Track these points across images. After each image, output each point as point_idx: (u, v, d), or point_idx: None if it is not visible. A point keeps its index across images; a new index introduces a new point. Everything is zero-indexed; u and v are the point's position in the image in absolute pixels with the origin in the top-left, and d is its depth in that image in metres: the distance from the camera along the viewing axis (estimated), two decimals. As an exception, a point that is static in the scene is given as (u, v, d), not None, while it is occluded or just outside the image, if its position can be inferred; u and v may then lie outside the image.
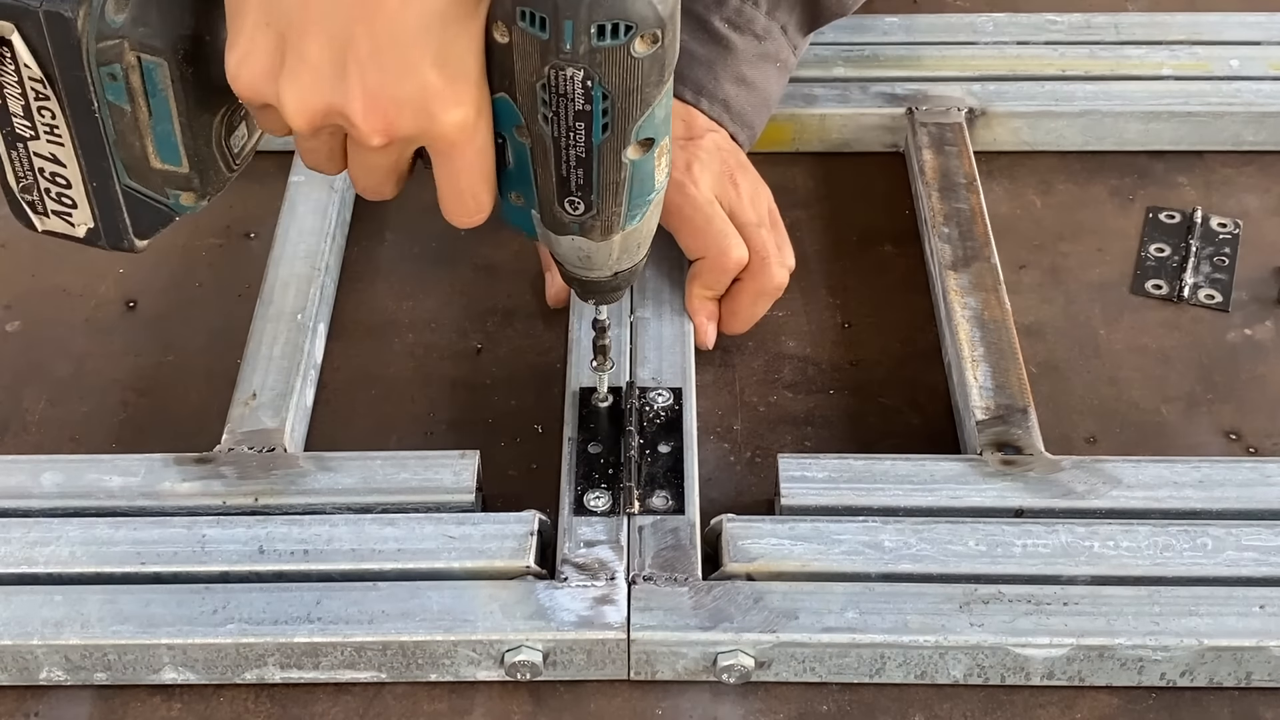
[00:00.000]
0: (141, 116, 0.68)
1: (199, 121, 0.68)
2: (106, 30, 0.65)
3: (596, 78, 0.61)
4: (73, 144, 0.69)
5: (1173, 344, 0.91)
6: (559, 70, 0.61)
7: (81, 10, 0.64)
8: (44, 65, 0.66)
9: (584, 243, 0.69)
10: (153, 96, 0.67)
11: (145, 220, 0.72)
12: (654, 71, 0.62)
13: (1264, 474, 0.79)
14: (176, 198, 0.71)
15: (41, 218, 0.73)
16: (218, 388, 0.86)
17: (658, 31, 0.61)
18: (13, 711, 0.73)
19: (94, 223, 0.73)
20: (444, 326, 0.93)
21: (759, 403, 0.88)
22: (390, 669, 0.73)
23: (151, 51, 0.66)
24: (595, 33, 0.60)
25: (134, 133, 0.68)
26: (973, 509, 0.77)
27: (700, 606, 0.73)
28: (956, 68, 1.06)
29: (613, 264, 0.71)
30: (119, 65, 0.66)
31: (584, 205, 0.67)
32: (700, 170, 0.87)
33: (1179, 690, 0.73)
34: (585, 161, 0.65)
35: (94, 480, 0.79)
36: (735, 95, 0.92)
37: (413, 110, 0.63)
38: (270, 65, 0.64)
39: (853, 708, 0.73)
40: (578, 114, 0.63)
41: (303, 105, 0.64)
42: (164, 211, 0.72)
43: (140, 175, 0.70)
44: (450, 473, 0.79)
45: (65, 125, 0.69)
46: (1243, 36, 1.08)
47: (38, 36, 0.65)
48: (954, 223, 0.94)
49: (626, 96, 0.62)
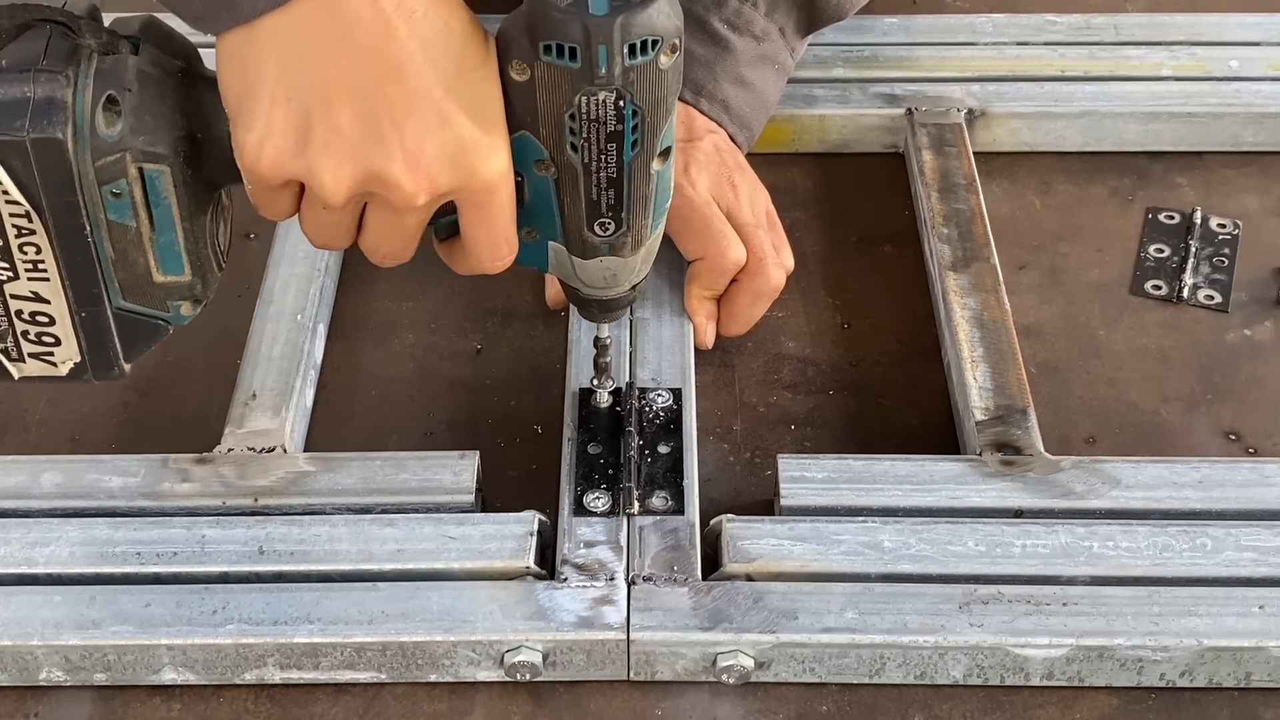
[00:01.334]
0: (144, 230, 0.65)
1: (198, 224, 0.67)
2: (104, 146, 0.62)
3: (629, 96, 0.62)
4: (59, 276, 0.66)
5: (1172, 344, 0.91)
6: (591, 96, 0.62)
7: (69, 131, 0.62)
8: (31, 197, 0.63)
9: (612, 261, 0.70)
10: (156, 207, 0.65)
11: (137, 340, 0.70)
12: (675, 80, 0.63)
13: (1263, 474, 0.79)
14: (177, 309, 0.69)
15: (17, 364, 0.70)
16: (218, 388, 0.86)
17: (677, 41, 0.62)
18: (13, 712, 0.73)
19: (80, 356, 0.69)
20: (444, 326, 0.93)
21: (759, 403, 0.88)
22: (390, 669, 0.73)
23: (154, 159, 0.63)
24: (628, 53, 0.61)
25: (137, 249, 0.66)
26: (972, 509, 0.77)
27: (700, 607, 0.73)
28: (956, 68, 1.06)
29: (634, 278, 0.72)
30: (124, 180, 0.63)
31: (614, 224, 0.67)
32: (698, 172, 0.87)
33: (1178, 690, 0.73)
34: (616, 181, 0.65)
35: (94, 480, 0.79)
36: (734, 96, 0.91)
37: (453, 164, 0.62)
38: (297, 141, 0.62)
39: (852, 708, 0.73)
40: (610, 135, 0.63)
41: (340, 174, 0.62)
42: (159, 327, 0.69)
43: (139, 293, 0.68)
44: (450, 473, 0.79)
45: (52, 257, 0.65)
46: (1242, 37, 1.08)
47: (24, 168, 0.62)
48: (954, 223, 0.94)
49: (655, 109, 0.63)
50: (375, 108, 0.61)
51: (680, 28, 0.62)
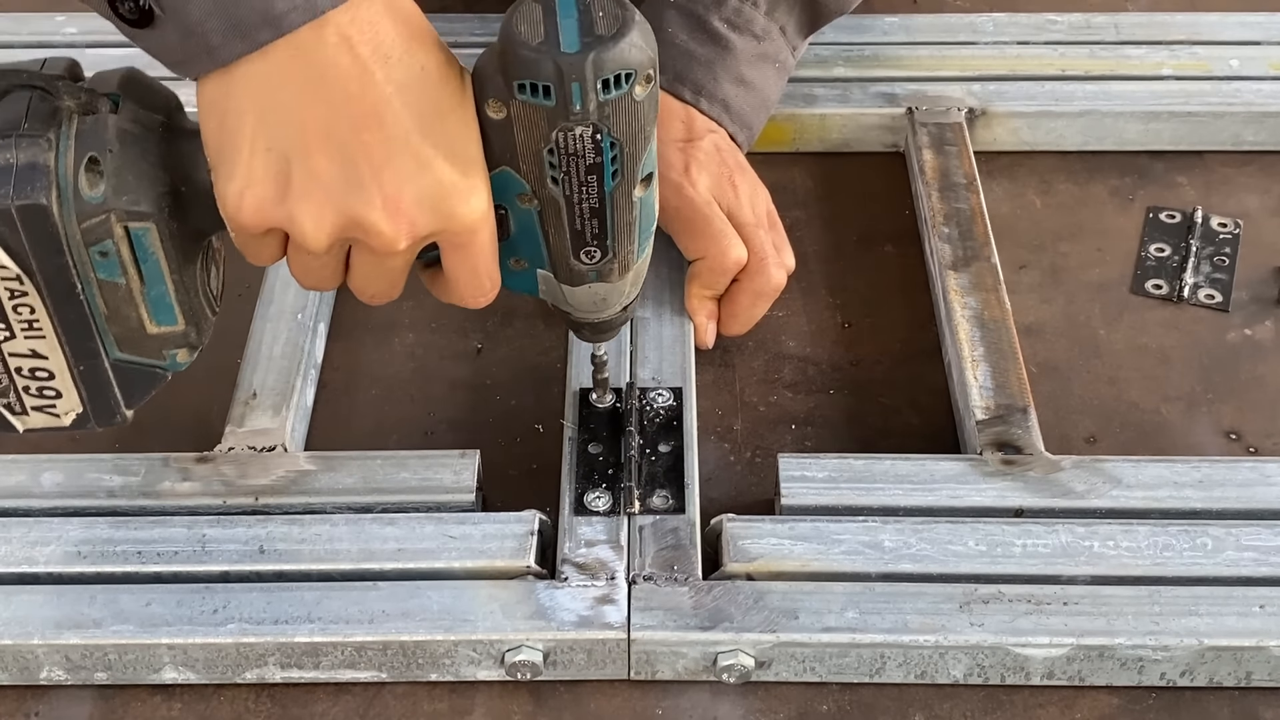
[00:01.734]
0: (134, 286, 0.66)
1: (188, 274, 0.67)
2: (88, 208, 0.62)
3: (605, 129, 0.62)
4: (55, 333, 0.67)
5: (1173, 344, 0.91)
6: (568, 131, 0.62)
7: (53, 195, 0.62)
8: (21, 261, 0.63)
9: (601, 287, 0.70)
10: (144, 262, 0.65)
11: (136, 388, 0.70)
12: (651, 108, 0.63)
13: (1264, 474, 0.79)
14: (173, 356, 0.69)
15: (21, 418, 0.71)
16: (218, 388, 0.86)
17: (651, 71, 0.62)
18: (13, 711, 0.73)
19: (82, 406, 0.70)
20: (444, 326, 0.93)
21: (759, 403, 0.88)
22: (390, 669, 0.73)
23: (139, 218, 0.64)
24: (601, 88, 0.60)
25: (129, 304, 0.66)
26: (973, 509, 0.77)
27: (700, 606, 0.73)
28: (956, 68, 1.06)
29: (624, 300, 0.72)
30: (110, 240, 0.63)
31: (600, 252, 0.68)
32: (698, 171, 0.87)
33: (1179, 690, 0.73)
34: (599, 211, 0.65)
35: (94, 480, 0.79)
36: (734, 95, 0.91)
37: (432, 207, 0.62)
38: (277, 189, 0.62)
39: (853, 707, 0.73)
40: (589, 168, 0.63)
41: (321, 221, 0.62)
42: (157, 375, 0.70)
43: (134, 345, 0.68)
44: (450, 472, 0.79)
45: (46, 316, 0.66)
46: (1242, 36, 1.08)
47: (11, 234, 0.62)
48: (954, 223, 0.94)
49: (634, 140, 0.63)
50: (353, 154, 0.61)
51: (654, 59, 0.62)
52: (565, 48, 0.60)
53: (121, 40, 0.63)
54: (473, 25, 1.10)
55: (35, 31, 1.09)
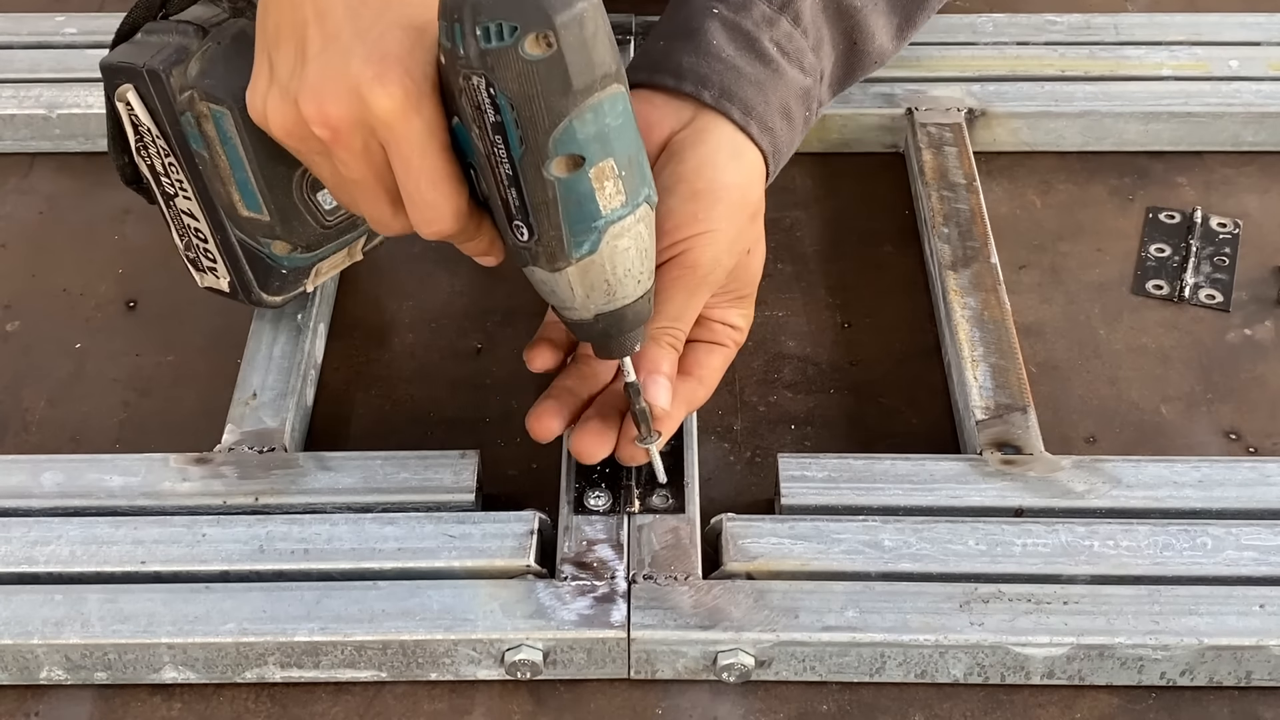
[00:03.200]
0: (221, 164, 0.74)
1: (273, 172, 0.74)
2: (184, 83, 0.73)
3: (497, 84, 0.60)
4: (196, 197, 0.76)
5: (1173, 344, 0.91)
6: (467, 79, 0.61)
7: (176, 70, 0.72)
8: (156, 120, 0.74)
9: (543, 274, 0.67)
10: (225, 144, 0.74)
11: (263, 274, 0.79)
12: (555, 77, 0.60)
13: (1264, 474, 0.79)
14: (269, 246, 0.77)
15: (201, 274, 0.82)
16: (218, 388, 0.86)
17: (549, 33, 0.59)
18: (13, 711, 0.73)
19: (230, 276, 0.79)
20: (444, 326, 0.93)
21: (759, 403, 0.88)
22: (390, 668, 0.73)
23: (214, 100, 0.72)
24: (481, 35, 0.59)
25: (218, 180, 0.75)
26: (973, 508, 0.77)
27: (700, 606, 0.73)
28: (956, 68, 1.06)
29: (585, 303, 0.67)
30: (190, 114, 0.73)
31: (527, 230, 0.65)
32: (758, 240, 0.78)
33: (1179, 690, 0.73)
34: (514, 180, 0.63)
35: (94, 480, 0.79)
36: (780, 129, 0.78)
37: (345, 96, 0.65)
38: (265, 88, 0.68)
39: (853, 707, 0.73)
40: (494, 126, 0.62)
41: (278, 112, 0.67)
42: (271, 264, 0.78)
43: (238, 223, 0.76)
44: (450, 472, 0.79)
45: (186, 178, 0.76)
46: (1242, 37, 1.08)
47: (146, 93, 0.74)
48: (954, 223, 0.94)
49: (529, 104, 0.60)
50: (300, 47, 0.66)
51: (552, 20, 0.59)
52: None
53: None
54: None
55: (35, 31, 1.09)
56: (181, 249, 0.81)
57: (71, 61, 1.06)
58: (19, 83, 1.04)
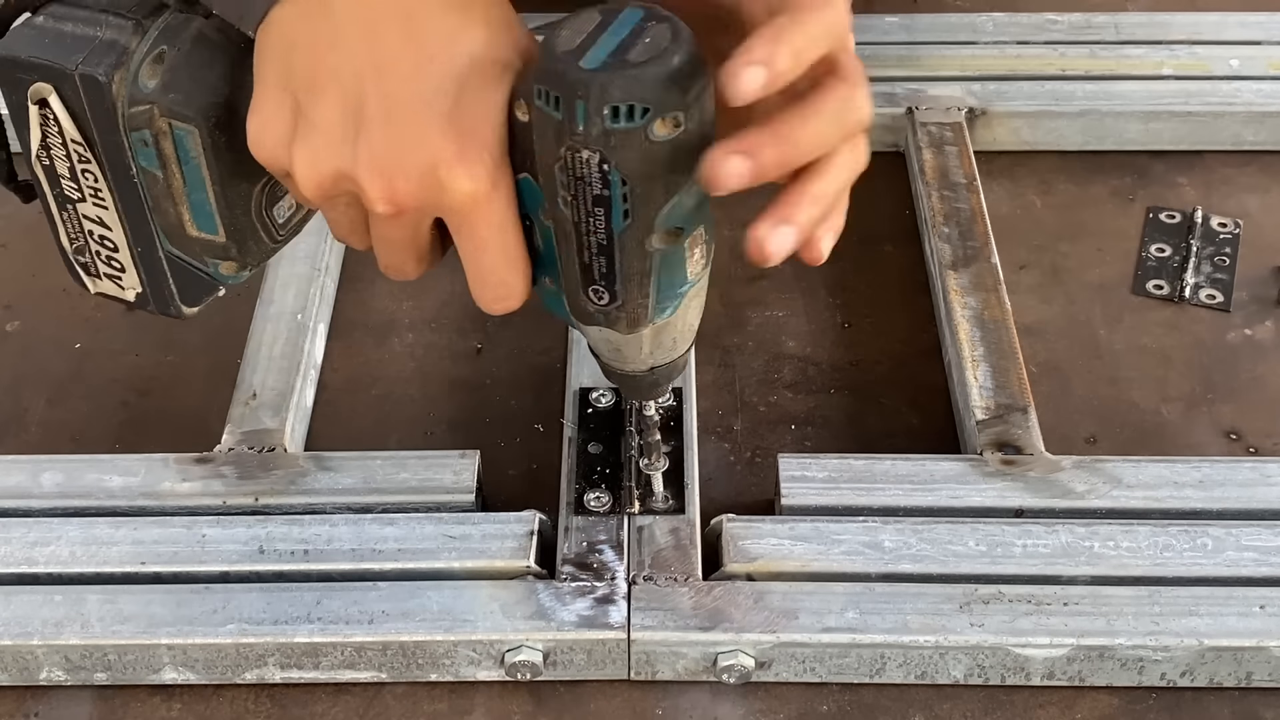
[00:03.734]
0: (175, 184, 0.66)
1: (235, 191, 0.66)
2: (138, 95, 0.63)
3: (613, 162, 0.57)
4: (116, 208, 0.68)
5: (1173, 344, 0.91)
6: (575, 152, 0.57)
7: (118, 75, 0.63)
8: (82, 128, 0.65)
9: (612, 335, 0.65)
10: (185, 164, 0.65)
11: (190, 288, 0.71)
12: (679, 158, 0.57)
13: (1264, 474, 0.79)
14: (216, 267, 0.69)
15: (94, 279, 0.72)
16: (218, 388, 0.86)
17: (679, 115, 0.56)
18: (13, 711, 0.73)
19: (141, 288, 0.71)
20: (444, 326, 0.93)
21: (759, 403, 0.88)
22: (390, 669, 0.73)
23: (181, 119, 0.64)
24: (609, 114, 0.56)
25: (168, 199, 0.67)
26: (973, 509, 0.77)
27: (700, 606, 0.73)
28: (956, 68, 1.06)
29: (645, 358, 0.67)
30: (149, 131, 0.64)
31: (608, 295, 0.62)
32: None
33: (1179, 690, 0.73)
34: (607, 249, 0.60)
35: (94, 480, 0.79)
36: None
37: (419, 176, 0.59)
38: (287, 131, 0.61)
39: (853, 708, 0.73)
40: (596, 199, 0.58)
41: (311, 170, 0.61)
42: (207, 281, 0.70)
43: (179, 242, 0.69)
44: (450, 473, 0.79)
45: (108, 189, 0.67)
46: (1243, 36, 1.08)
47: (74, 99, 0.64)
48: (954, 223, 0.94)
49: (647, 182, 0.57)
50: (355, 106, 0.59)
51: (685, 102, 0.56)
52: (586, 63, 0.56)
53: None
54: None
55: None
56: (70, 252, 0.72)
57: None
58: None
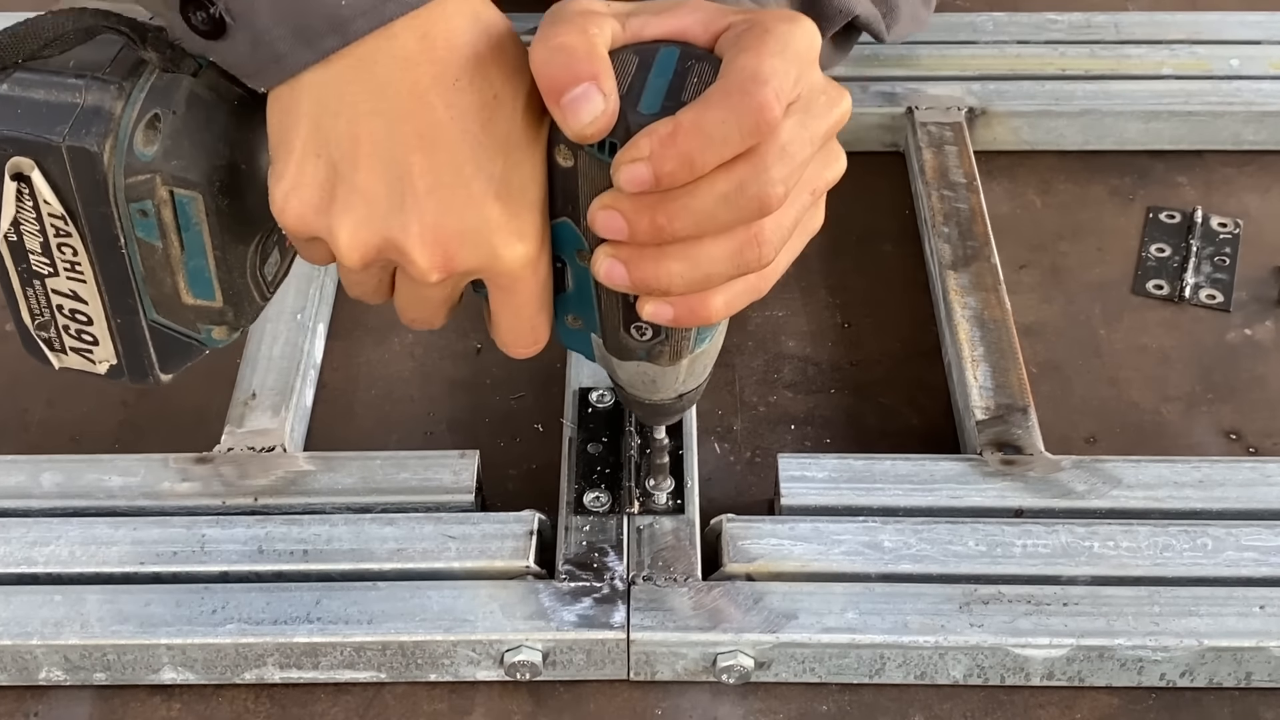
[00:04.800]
0: (174, 252, 0.64)
1: (234, 254, 0.65)
2: (136, 165, 0.61)
3: None
4: (95, 281, 0.65)
5: (1173, 344, 0.91)
6: None
7: (108, 144, 0.60)
8: (66, 202, 0.62)
9: (650, 368, 0.66)
10: (186, 231, 0.63)
11: (172, 354, 0.69)
12: None
13: (1264, 474, 0.79)
14: (209, 332, 0.67)
15: (59, 355, 0.70)
16: (218, 388, 0.86)
17: None
18: (12, 711, 0.73)
19: (116, 359, 0.69)
20: (444, 326, 0.92)
21: (759, 403, 0.88)
22: (390, 669, 0.73)
23: (185, 185, 0.62)
24: None
25: (165, 269, 0.64)
26: (973, 509, 0.77)
27: (700, 607, 0.73)
28: (956, 67, 1.06)
29: (678, 386, 0.68)
30: (150, 201, 0.62)
31: (652, 331, 0.63)
32: None
33: (1179, 690, 0.73)
34: None
35: (94, 480, 0.79)
36: None
37: (473, 245, 0.59)
38: (321, 198, 0.60)
39: (853, 708, 0.73)
40: None
41: (356, 240, 0.60)
42: (193, 345, 0.68)
43: (170, 311, 0.66)
44: (450, 473, 0.79)
45: (88, 262, 0.64)
46: (1243, 36, 1.08)
47: (60, 172, 0.61)
48: (954, 222, 0.94)
49: None
50: (400, 176, 0.58)
51: None
52: (643, 108, 0.56)
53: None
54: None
55: (35, 31, 1.09)
56: (32, 329, 0.69)
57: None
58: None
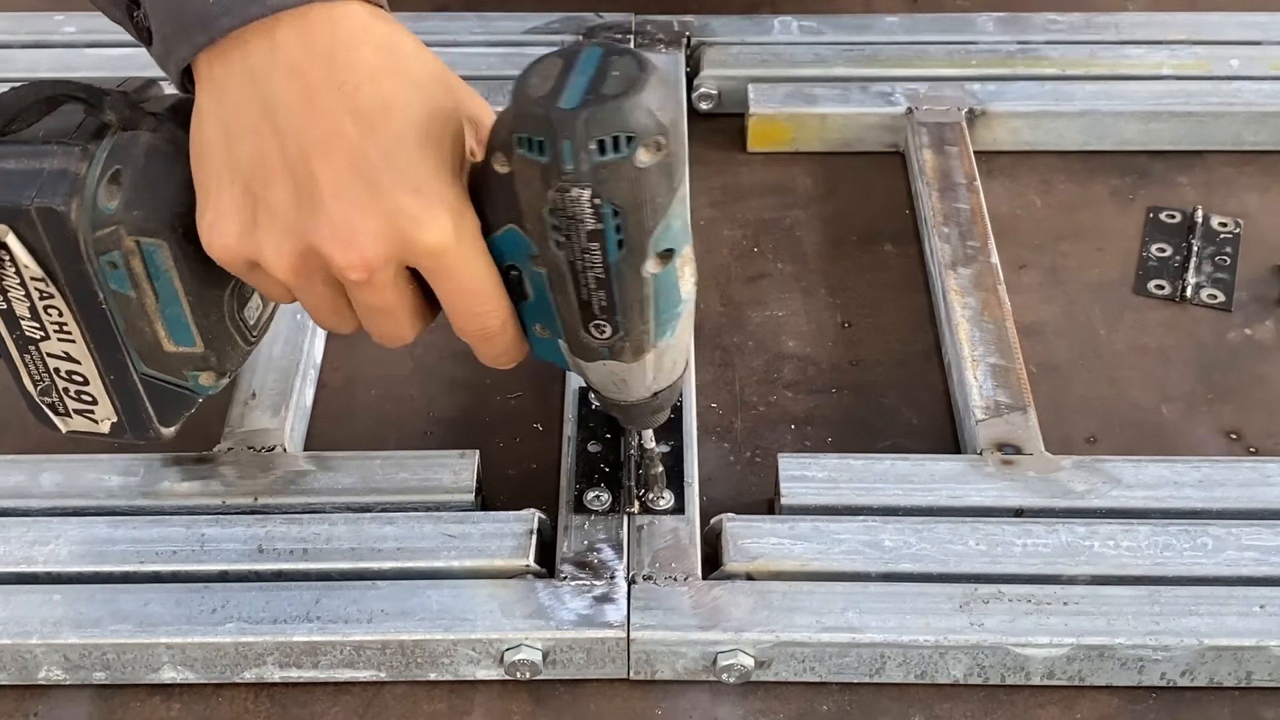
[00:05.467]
0: (148, 302, 0.67)
1: (208, 298, 0.67)
2: (101, 218, 0.64)
3: (604, 194, 0.59)
4: (84, 339, 0.68)
5: (1173, 344, 0.91)
6: (564, 192, 0.59)
7: (74, 203, 0.64)
8: (43, 262, 0.65)
9: (617, 366, 0.66)
10: (157, 279, 0.66)
11: (168, 406, 0.72)
12: (662, 180, 0.60)
13: (1264, 474, 0.79)
14: (196, 379, 0.70)
15: (64, 419, 0.73)
16: (217, 387, 0.86)
17: (660, 139, 0.58)
18: (12, 711, 0.73)
19: (117, 416, 0.72)
20: (444, 326, 0.92)
21: (759, 403, 0.88)
22: (389, 668, 0.73)
23: (149, 234, 0.65)
24: (596, 148, 0.58)
25: (143, 319, 0.67)
26: (973, 509, 0.77)
27: (700, 606, 0.73)
28: (956, 67, 1.06)
29: (650, 384, 0.69)
30: (118, 252, 0.65)
31: (610, 328, 0.64)
32: None
33: (1179, 690, 0.73)
34: (605, 282, 0.62)
35: (94, 480, 0.79)
36: None
37: (386, 236, 0.61)
38: (243, 224, 0.62)
39: (853, 708, 0.73)
40: (590, 234, 0.60)
41: (280, 253, 0.62)
42: (186, 395, 0.71)
43: (156, 361, 0.69)
44: (450, 472, 0.79)
45: (74, 321, 0.67)
46: (1243, 36, 1.08)
47: (33, 234, 0.64)
48: (954, 222, 0.94)
49: (638, 209, 0.60)
50: (306, 184, 0.60)
51: (663, 125, 0.58)
52: (564, 103, 0.57)
53: (118, 40, 0.63)
54: (471, 24, 1.10)
55: (34, 31, 1.09)
56: (35, 394, 0.72)
57: (71, 61, 1.06)
58: (18, 82, 1.04)
